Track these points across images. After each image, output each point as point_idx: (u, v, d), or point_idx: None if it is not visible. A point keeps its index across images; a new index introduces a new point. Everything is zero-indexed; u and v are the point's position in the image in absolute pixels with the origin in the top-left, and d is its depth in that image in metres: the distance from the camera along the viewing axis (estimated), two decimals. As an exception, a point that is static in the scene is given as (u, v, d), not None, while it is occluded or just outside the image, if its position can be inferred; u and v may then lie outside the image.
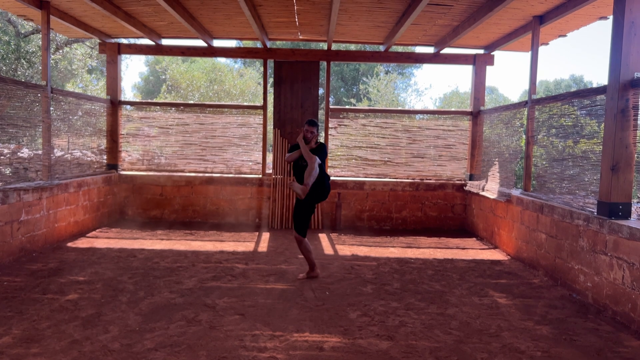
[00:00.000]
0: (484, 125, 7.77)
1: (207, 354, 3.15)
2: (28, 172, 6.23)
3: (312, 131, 4.76)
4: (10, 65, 9.98)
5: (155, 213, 8.00)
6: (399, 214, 8.06)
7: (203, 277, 4.89)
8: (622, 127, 4.16)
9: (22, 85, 5.58)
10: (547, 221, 5.26)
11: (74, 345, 3.24)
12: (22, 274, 4.83)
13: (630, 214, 4.19)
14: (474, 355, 3.27)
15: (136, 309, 3.92)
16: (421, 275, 5.22)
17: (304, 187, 4.57)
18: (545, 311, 4.21)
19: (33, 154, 6.49)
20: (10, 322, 3.59)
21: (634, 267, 3.83)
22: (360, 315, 3.94)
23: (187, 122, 8.19)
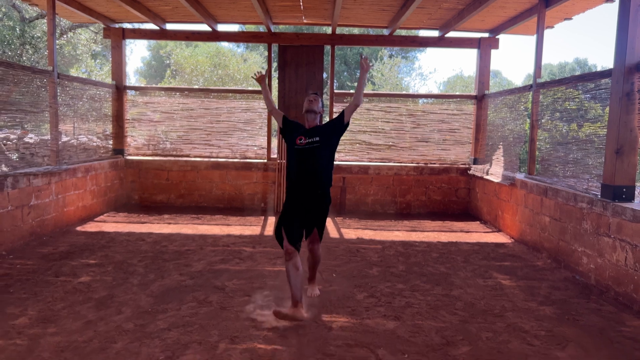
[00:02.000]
0: (488, 109, 7.78)
1: (218, 333, 3.24)
2: (35, 157, 6.29)
3: (317, 100, 3.77)
4: (15, 51, 9.99)
5: (162, 198, 8.07)
6: (403, 198, 8.11)
7: (211, 260, 4.97)
8: (627, 110, 4.19)
9: (29, 71, 5.61)
10: (551, 204, 5.31)
11: (89, 325, 3.33)
12: (33, 257, 4.91)
13: (634, 197, 4.23)
14: (479, 335, 3.35)
15: (147, 291, 4.01)
16: (426, 258, 5.29)
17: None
18: (549, 292, 4.28)
19: (39, 140, 6.55)
20: (26, 304, 3.68)
21: (637, 248, 3.88)
22: (367, 297, 4.02)
23: (192, 107, 8.22)
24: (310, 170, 3.62)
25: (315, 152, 3.62)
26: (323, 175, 3.67)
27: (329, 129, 3.73)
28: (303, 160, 3.64)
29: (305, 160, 3.63)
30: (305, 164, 3.63)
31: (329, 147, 3.70)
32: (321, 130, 3.71)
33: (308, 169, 3.63)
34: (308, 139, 3.63)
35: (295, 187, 3.68)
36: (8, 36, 9.62)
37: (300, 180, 3.65)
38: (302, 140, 3.65)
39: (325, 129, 3.73)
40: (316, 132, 3.68)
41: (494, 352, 3.09)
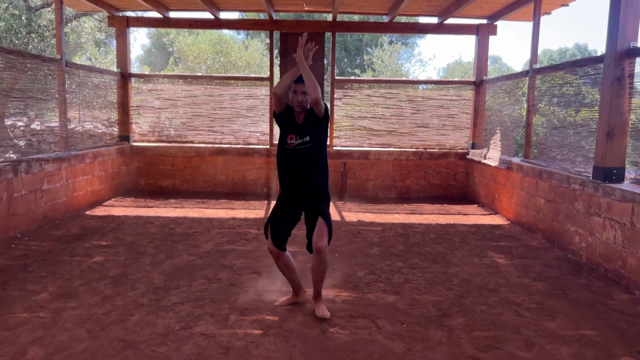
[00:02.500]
0: (486, 94, 7.93)
1: (229, 306, 3.45)
2: (42, 144, 6.47)
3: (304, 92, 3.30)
4: (22, 39, 10.12)
5: (167, 183, 8.26)
6: (403, 182, 8.30)
7: (218, 241, 5.17)
8: (617, 94, 4.35)
9: (39, 59, 5.77)
10: (545, 186, 5.50)
11: (107, 300, 3.53)
12: (48, 239, 5.12)
13: (624, 178, 4.42)
14: (474, 308, 3.55)
15: (159, 270, 4.22)
16: (424, 239, 5.49)
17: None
18: (542, 270, 4.49)
19: (45, 127, 6.72)
20: (45, 281, 3.88)
21: (625, 227, 4.08)
22: (367, 274, 4.23)
23: (195, 94, 8.37)
24: (303, 171, 3.32)
25: (307, 153, 3.30)
26: (316, 175, 3.36)
27: (315, 124, 3.33)
28: (294, 161, 3.32)
29: (297, 161, 3.31)
30: (297, 165, 3.32)
31: (319, 145, 3.34)
32: (310, 127, 3.32)
33: (300, 171, 3.33)
34: (299, 139, 3.29)
35: (288, 187, 3.39)
36: (15, 25, 9.75)
37: (293, 181, 3.36)
38: (294, 141, 3.31)
39: (314, 125, 3.33)
40: (306, 129, 3.31)
41: (487, 323, 3.30)
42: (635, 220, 3.96)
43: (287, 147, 3.34)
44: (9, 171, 5.00)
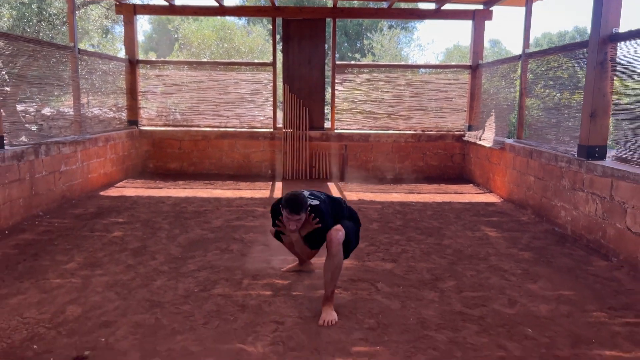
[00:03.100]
0: (482, 78, 8.21)
1: (242, 272, 3.80)
2: (52, 129, 6.77)
3: (297, 220, 3.06)
4: (33, 27, 10.38)
5: (175, 166, 8.59)
6: (401, 164, 8.62)
7: (228, 218, 5.52)
8: (600, 77, 4.65)
9: (54, 47, 6.06)
10: (535, 165, 5.83)
11: (130, 268, 3.89)
12: (68, 217, 5.46)
13: (606, 156, 4.74)
14: (464, 273, 3.91)
15: (175, 243, 4.57)
16: (421, 215, 5.83)
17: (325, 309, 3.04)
18: (529, 241, 4.84)
19: (56, 112, 7.01)
20: (72, 253, 4.24)
21: (605, 200, 4.42)
22: (367, 245, 4.58)
23: (201, 79, 8.65)
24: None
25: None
26: None
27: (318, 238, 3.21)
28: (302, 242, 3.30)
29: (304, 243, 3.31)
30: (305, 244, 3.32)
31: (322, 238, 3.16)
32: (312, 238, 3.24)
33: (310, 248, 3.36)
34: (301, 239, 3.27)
35: None
36: (27, 14, 10.00)
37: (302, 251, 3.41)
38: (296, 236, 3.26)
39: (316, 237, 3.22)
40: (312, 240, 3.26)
41: (475, 286, 3.65)
42: (613, 194, 4.29)
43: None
44: (31, 153, 5.33)
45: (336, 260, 2.99)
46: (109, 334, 2.78)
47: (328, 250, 3.00)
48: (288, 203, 3.00)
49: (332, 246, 2.97)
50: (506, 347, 2.73)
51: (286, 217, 3.04)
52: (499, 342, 2.79)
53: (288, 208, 3.00)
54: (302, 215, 3.03)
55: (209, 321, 2.97)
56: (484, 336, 2.86)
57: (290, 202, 3.00)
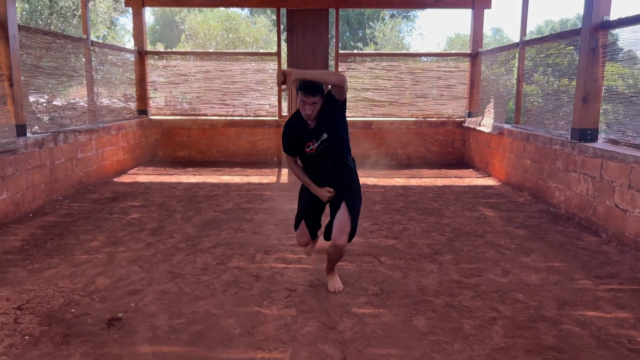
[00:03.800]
0: (481, 65, 8.43)
1: (254, 248, 4.08)
2: (64, 119, 7.03)
3: (313, 103, 2.94)
4: (45, 20, 10.63)
5: (183, 154, 8.86)
6: (403, 150, 8.87)
7: (238, 201, 5.80)
8: (592, 63, 4.89)
9: (69, 39, 6.31)
10: (531, 148, 6.07)
11: (150, 245, 4.17)
12: (86, 201, 5.75)
13: (597, 138, 4.99)
14: (462, 248, 4.18)
15: (190, 223, 4.85)
16: (422, 198, 6.10)
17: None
18: (524, 220, 5.10)
19: (67, 102, 7.27)
20: (94, 233, 4.52)
21: (595, 179, 4.67)
22: (371, 225, 4.85)
23: (208, 69, 8.89)
24: (328, 169, 3.13)
25: (330, 150, 3.06)
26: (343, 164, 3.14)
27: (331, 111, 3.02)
28: (318, 162, 3.13)
29: (321, 162, 3.12)
30: (322, 165, 3.13)
31: (339, 136, 3.08)
32: (326, 122, 3.03)
33: (325, 169, 3.14)
34: (317, 142, 3.05)
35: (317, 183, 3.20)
36: (39, 7, 10.26)
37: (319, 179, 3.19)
38: (312, 146, 3.07)
39: (329, 117, 3.03)
40: (322, 127, 3.04)
41: (472, 259, 3.93)
42: (603, 174, 4.55)
43: (307, 155, 3.13)
44: (50, 141, 5.61)
45: (341, 252, 3.13)
46: (137, 300, 3.07)
47: (334, 250, 3.09)
48: (303, 84, 2.90)
49: (337, 248, 3.07)
50: (498, 309, 3.01)
51: (302, 101, 2.95)
52: (491, 305, 3.06)
53: (303, 89, 2.90)
54: (318, 98, 2.92)
55: (227, 289, 3.26)
56: (478, 300, 3.13)
57: (306, 83, 2.90)
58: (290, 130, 3.17)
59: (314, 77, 2.92)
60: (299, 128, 3.11)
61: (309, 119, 3.02)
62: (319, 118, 3.02)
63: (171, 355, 2.46)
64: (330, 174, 3.14)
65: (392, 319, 2.87)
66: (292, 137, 3.15)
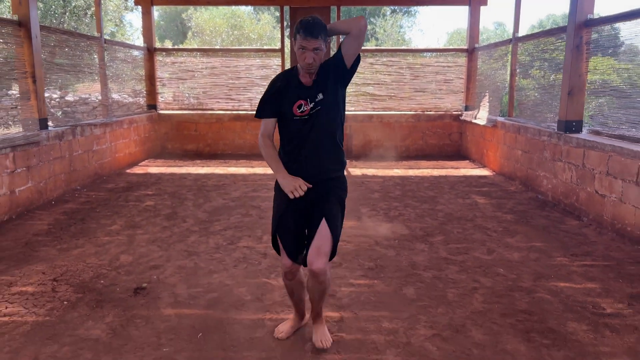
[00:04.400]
0: (478, 61, 8.75)
1: (261, 231, 4.45)
2: (76, 113, 7.39)
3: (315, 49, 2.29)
4: (59, 19, 11.01)
5: (191, 147, 9.22)
6: (402, 142, 9.21)
7: (245, 190, 6.17)
8: (577, 59, 5.22)
9: (85, 38, 6.68)
10: (522, 140, 6.41)
11: (166, 229, 4.55)
12: (102, 190, 6.13)
13: (582, 129, 5.32)
14: (452, 230, 4.54)
15: (201, 209, 5.22)
16: (418, 187, 6.45)
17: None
18: (513, 206, 5.45)
19: (78, 98, 7.63)
20: (113, 218, 4.90)
21: (578, 167, 5.01)
22: (369, 210, 5.21)
23: (214, 65, 9.25)
24: (315, 145, 2.42)
25: (323, 117, 2.41)
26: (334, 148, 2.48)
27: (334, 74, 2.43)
28: (305, 133, 2.41)
29: (309, 132, 2.40)
30: (310, 137, 2.41)
31: (337, 102, 2.45)
32: (325, 81, 2.42)
33: (312, 144, 2.42)
34: (311, 102, 2.39)
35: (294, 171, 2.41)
36: (54, 6, 10.64)
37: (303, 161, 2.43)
38: (305, 107, 2.39)
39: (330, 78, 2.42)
40: (319, 86, 2.42)
41: (461, 239, 4.28)
42: (585, 162, 4.89)
43: (295, 119, 2.41)
44: (69, 133, 5.98)
45: (323, 285, 2.42)
46: (158, 273, 3.45)
47: (313, 278, 2.39)
48: (302, 23, 2.29)
49: (317, 276, 2.36)
50: (480, 281, 3.37)
51: (301, 47, 2.30)
52: (474, 278, 3.43)
53: (303, 30, 2.27)
54: (321, 42, 2.29)
55: (238, 264, 3.63)
56: (462, 274, 3.49)
57: (305, 22, 2.29)
58: (277, 83, 2.45)
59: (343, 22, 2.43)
60: (289, 83, 2.43)
61: (310, 70, 2.36)
62: (319, 75, 2.42)
63: (191, 316, 2.84)
64: (317, 153, 2.42)
65: (385, 288, 3.24)
66: (278, 91, 2.42)
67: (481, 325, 2.76)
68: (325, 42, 2.34)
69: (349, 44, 2.39)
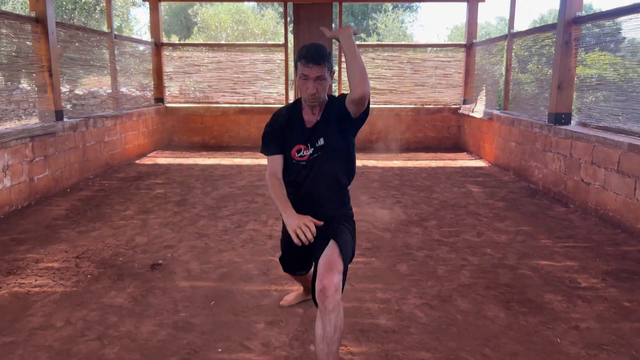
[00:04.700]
0: (476, 56, 9.00)
1: (266, 216, 4.75)
2: (85, 107, 7.68)
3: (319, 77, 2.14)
4: (69, 14, 11.31)
5: (197, 139, 9.52)
6: (402, 135, 9.48)
7: (250, 179, 6.46)
8: (566, 55, 5.48)
9: (97, 33, 6.96)
10: (516, 132, 6.68)
11: (177, 214, 4.84)
12: (114, 179, 6.43)
13: (570, 121, 5.59)
14: (445, 216, 4.82)
15: (209, 197, 5.52)
16: (416, 177, 6.74)
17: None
18: (505, 194, 5.73)
19: (87, 91, 7.91)
20: (126, 204, 5.20)
21: (566, 157, 5.29)
22: (368, 198, 5.50)
23: (220, 60, 9.52)
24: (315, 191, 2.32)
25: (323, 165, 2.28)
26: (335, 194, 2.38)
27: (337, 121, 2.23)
28: (303, 177, 2.30)
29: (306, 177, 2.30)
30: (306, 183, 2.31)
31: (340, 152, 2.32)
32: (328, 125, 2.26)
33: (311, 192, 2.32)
34: (311, 148, 2.26)
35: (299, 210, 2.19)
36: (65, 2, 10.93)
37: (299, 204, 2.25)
38: (304, 152, 2.27)
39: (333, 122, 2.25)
40: (322, 129, 2.26)
41: (453, 224, 4.57)
42: (572, 152, 5.16)
43: (294, 162, 2.29)
44: (83, 125, 6.28)
45: (334, 319, 1.97)
46: (172, 252, 3.75)
47: (320, 303, 1.98)
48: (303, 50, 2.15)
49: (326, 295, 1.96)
50: (468, 259, 3.66)
51: (302, 76, 2.13)
52: (463, 257, 3.71)
53: (306, 57, 2.11)
54: (325, 70, 2.13)
55: (245, 245, 3.93)
56: (452, 253, 3.78)
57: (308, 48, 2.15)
58: (279, 119, 2.33)
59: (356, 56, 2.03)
60: (291, 120, 2.30)
61: (313, 103, 2.20)
62: (323, 113, 2.25)
63: (204, 287, 3.14)
64: (314, 198, 2.31)
65: (380, 265, 3.53)
66: (280, 128, 2.31)
67: (466, 296, 3.05)
68: (330, 72, 2.17)
69: (349, 105, 2.11)
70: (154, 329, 2.63)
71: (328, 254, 2.08)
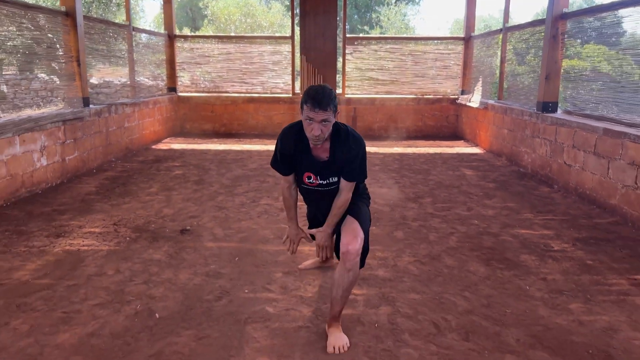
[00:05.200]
0: (473, 48, 9.45)
1: (277, 193, 5.26)
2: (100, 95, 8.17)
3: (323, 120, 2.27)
4: (88, 7, 11.77)
5: (208, 127, 10.02)
6: (403, 124, 9.96)
7: (261, 163, 6.97)
8: (553, 48, 5.94)
9: (116, 26, 7.44)
10: (508, 120, 7.16)
11: (196, 191, 5.36)
12: (134, 162, 6.94)
13: (557, 109, 6.07)
14: (439, 194, 5.32)
15: (224, 178, 6.03)
16: (415, 162, 7.23)
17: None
18: (496, 177, 6.22)
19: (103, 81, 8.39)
20: (150, 183, 5.72)
21: (552, 142, 5.78)
22: (369, 180, 5.95)
23: (229, 51, 10.00)
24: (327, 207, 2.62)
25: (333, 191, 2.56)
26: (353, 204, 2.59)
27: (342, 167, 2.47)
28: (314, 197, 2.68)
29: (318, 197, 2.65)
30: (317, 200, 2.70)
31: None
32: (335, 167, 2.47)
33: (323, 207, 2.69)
34: (320, 180, 2.51)
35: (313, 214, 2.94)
36: (83, -5, 11.45)
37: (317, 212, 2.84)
38: (314, 180, 2.52)
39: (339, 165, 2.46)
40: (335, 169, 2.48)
41: (446, 200, 5.07)
42: (557, 137, 5.65)
43: (304, 185, 2.59)
44: (106, 111, 6.79)
45: (351, 275, 2.35)
46: (197, 221, 4.27)
47: (342, 261, 2.35)
48: (310, 93, 2.24)
49: (348, 259, 2.32)
50: (456, 228, 4.17)
51: (307, 118, 2.26)
52: (453, 226, 4.22)
53: (311, 101, 2.22)
54: (330, 114, 2.25)
55: (261, 216, 4.45)
56: (443, 224, 4.29)
57: (314, 92, 2.24)
58: (288, 143, 2.48)
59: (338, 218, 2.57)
60: (297, 148, 2.47)
61: (317, 143, 2.34)
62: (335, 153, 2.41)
63: (228, 247, 3.66)
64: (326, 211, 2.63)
65: (379, 232, 4.05)
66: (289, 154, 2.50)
67: (453, 256, 3.56)
68: (335, 113, 2.29)
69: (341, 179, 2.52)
70: (190, 276, 3.16)
71: (351, 224, 2.44)
